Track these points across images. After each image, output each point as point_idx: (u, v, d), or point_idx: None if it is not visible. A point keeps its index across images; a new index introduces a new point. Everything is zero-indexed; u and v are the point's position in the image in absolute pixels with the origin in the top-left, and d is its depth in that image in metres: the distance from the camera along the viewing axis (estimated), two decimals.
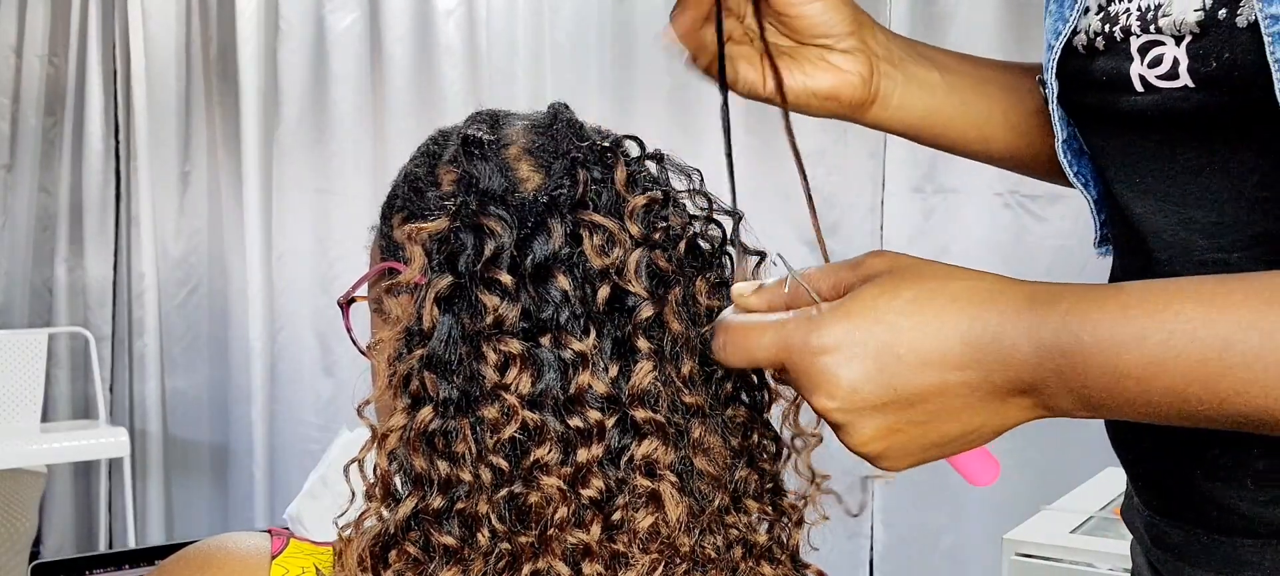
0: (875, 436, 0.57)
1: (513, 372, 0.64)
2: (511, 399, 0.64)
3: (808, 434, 0.72)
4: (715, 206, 0.72)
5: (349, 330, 0.74)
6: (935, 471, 2.44)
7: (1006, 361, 0.55)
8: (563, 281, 0.65)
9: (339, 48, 3.36)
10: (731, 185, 0.69)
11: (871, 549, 2.71)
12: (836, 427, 0.58)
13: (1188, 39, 0.64)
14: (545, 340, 0.65)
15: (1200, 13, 0.63)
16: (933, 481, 2.62)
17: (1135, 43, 0.67)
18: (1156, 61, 0.66)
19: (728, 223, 0.72)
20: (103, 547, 3.72)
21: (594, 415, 0.64)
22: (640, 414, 0.65)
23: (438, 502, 0.64)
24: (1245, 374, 0.51)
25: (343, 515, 0.69)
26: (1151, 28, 0.66)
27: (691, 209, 0.72)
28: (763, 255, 0.72)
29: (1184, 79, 0.65)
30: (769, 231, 0.74)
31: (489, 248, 0.65)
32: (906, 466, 0.60)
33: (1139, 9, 0.67)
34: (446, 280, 0.66)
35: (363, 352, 0.74)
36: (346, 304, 0.74)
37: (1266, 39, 0.60)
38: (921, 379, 0.55)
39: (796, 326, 0.58)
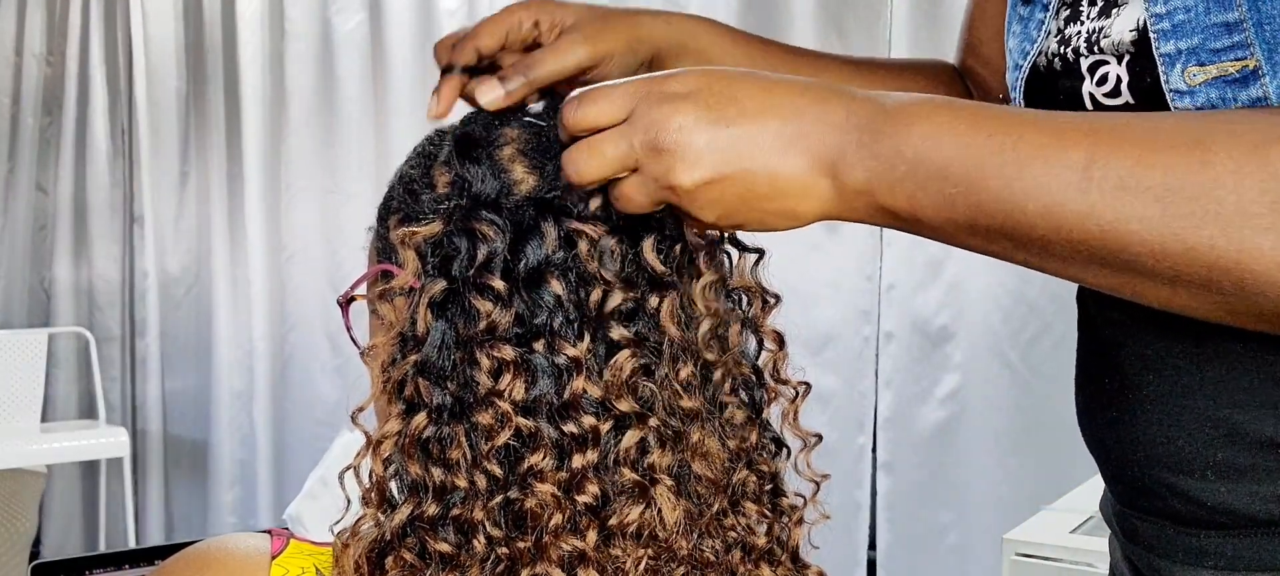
0: (701, 178, 0.60)
1: (506, 379, 0.63)
2: (505, 405, 0.63)
3: (807, 434, 0.72)
4: None
5: (349, 329, 0.74)
6: (937, 472, 2.45)
7: (823, 119, 0.59)
8: (556, 286, 0.65)
9: (342, 49, 3.36)
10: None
11: (871, 548, 2.71)
12: (669, 163, 0.60)
13: (1126, 58, 0.67)
14: (539, 345, 0.64)
15: (1135, 33, 0.67)
16: (934, 482, 2.62)
17: (1084, 63, 0.70)
18: (1103, 80, 0.69)
19: None
20: (103, 547, 3.71)
21: (589, 420, 0.64)
22: (624, 405, 0.64)
23: (433, 509, 0.64)
24: (998, 190, 0.56)
25: (338, 521, 0.68)
26: (1096, 49, 0.69)
27: None
28: (761, 253, 0.72)
29: (1125, 96, 0.68)
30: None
31: (481, 253, 0.65)
32: (716, 218, 0.62)
33: (1087, 32, 0.71)
34: (440, 285, 0.65)
35: (361, 354, 0.73)
36: (345, 303, 0.74)
37: (1152, 36, 0.64)
38: (753, 121, 0.59)
39: (648, 79, 0.62)
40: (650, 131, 0.60)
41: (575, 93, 0.64)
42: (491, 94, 0.71)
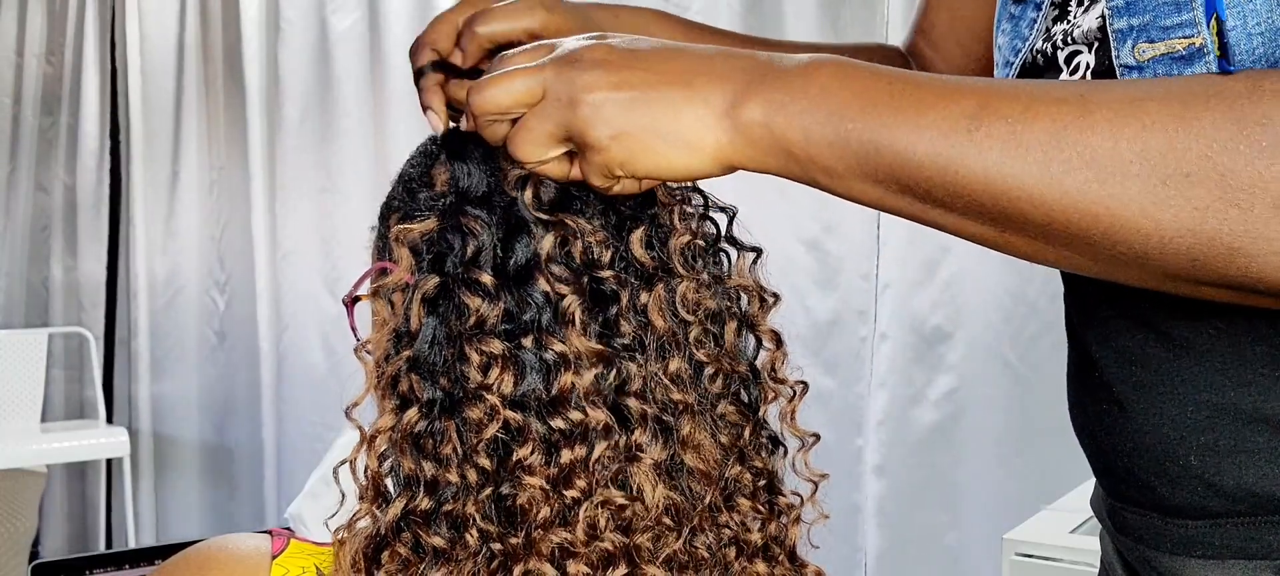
0: (603, 84, 0.62)
1: (495, 373, 0.64)
2: (494, 399, 0.64)
3: (806, 434, 0.72)
4: (710, 202, 0.72)
5: (354, 329, 0.74)
6: (935, 471, 2.44)
7: (730, 60, 0.63)
8: (545, 283, 0.65)
9: (340, 48, 3.36)
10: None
11: (864, 547, 2.70)
12: (575, 78, 0.62)
13: (1095, 44, 0.70)
14: (527, 341, 0.65)
15: (1099, 19, 0.69)
16: (932, 481, 2.62)
17: (1062, 55, 0.73)
18: (1076, 69, 0.72)
19: (722, 219, 0.72)
20: (101, 547, 3.72)
21: (577, 415, 0.64)
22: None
23: (426, 504, 0.64)
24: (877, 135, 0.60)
25: (334, 516, 0.69)
26: (1071, 40, 0.72)
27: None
28: (759, 250, 0.72)
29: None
30: (765, 228, 0.74)
31: (469, 248, 0.65)
32: (608, 134, 0.62)
33: (1067, 26, 0.73)
34: (433, 281, 0.65)
35: (356, 350, 0.74)
36: (351, 303, 0.74)
37: (1107, 13, 0.67)
38: (658, 47, 0.64)
39: (561, 57, 0.63)
40: (566, 67, 0.62)
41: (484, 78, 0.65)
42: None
